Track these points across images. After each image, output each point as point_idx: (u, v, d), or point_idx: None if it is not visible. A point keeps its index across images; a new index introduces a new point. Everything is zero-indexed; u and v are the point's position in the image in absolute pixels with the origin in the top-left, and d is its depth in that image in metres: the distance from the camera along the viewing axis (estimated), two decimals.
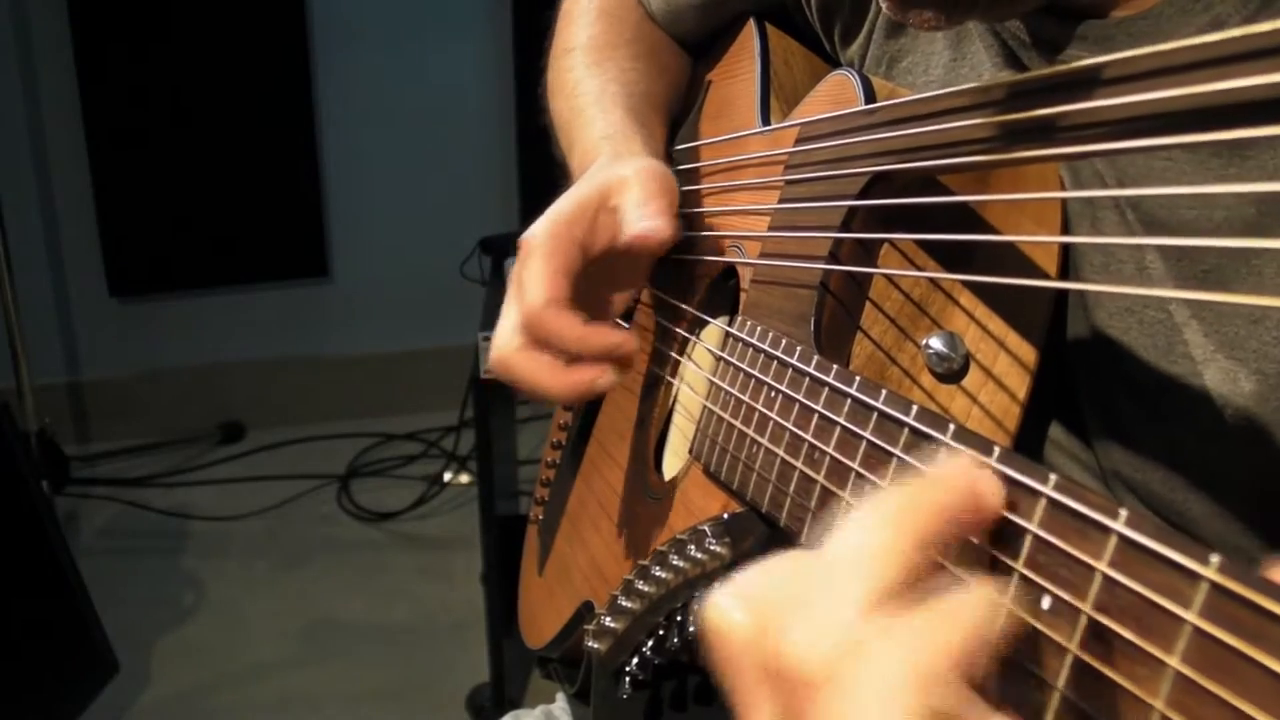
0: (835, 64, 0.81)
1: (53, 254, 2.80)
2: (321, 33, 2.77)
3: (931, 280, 0.55)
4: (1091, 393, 0.60)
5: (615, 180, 0.72)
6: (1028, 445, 0.60)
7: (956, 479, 0.37)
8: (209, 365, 2.95)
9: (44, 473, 2.42)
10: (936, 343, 0.55)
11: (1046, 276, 0.55)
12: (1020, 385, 0.55)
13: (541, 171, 0.75)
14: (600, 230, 0.71)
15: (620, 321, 0.76)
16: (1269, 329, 0.52)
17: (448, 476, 2.74)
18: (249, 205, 2.84)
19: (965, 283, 0.55)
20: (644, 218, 0.69)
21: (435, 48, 2.82)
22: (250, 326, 2.95)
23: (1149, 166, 0.55)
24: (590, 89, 0.87)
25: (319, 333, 3.01)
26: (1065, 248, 0.58)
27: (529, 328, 0.68)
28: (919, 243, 0.55)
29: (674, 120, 0.93)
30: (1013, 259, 0.55)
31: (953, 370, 0.55)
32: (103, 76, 2.67)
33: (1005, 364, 0.55)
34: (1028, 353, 0.55)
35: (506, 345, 0.69)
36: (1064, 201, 0.58)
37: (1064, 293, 0.60)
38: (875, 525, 0.36)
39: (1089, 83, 0.38)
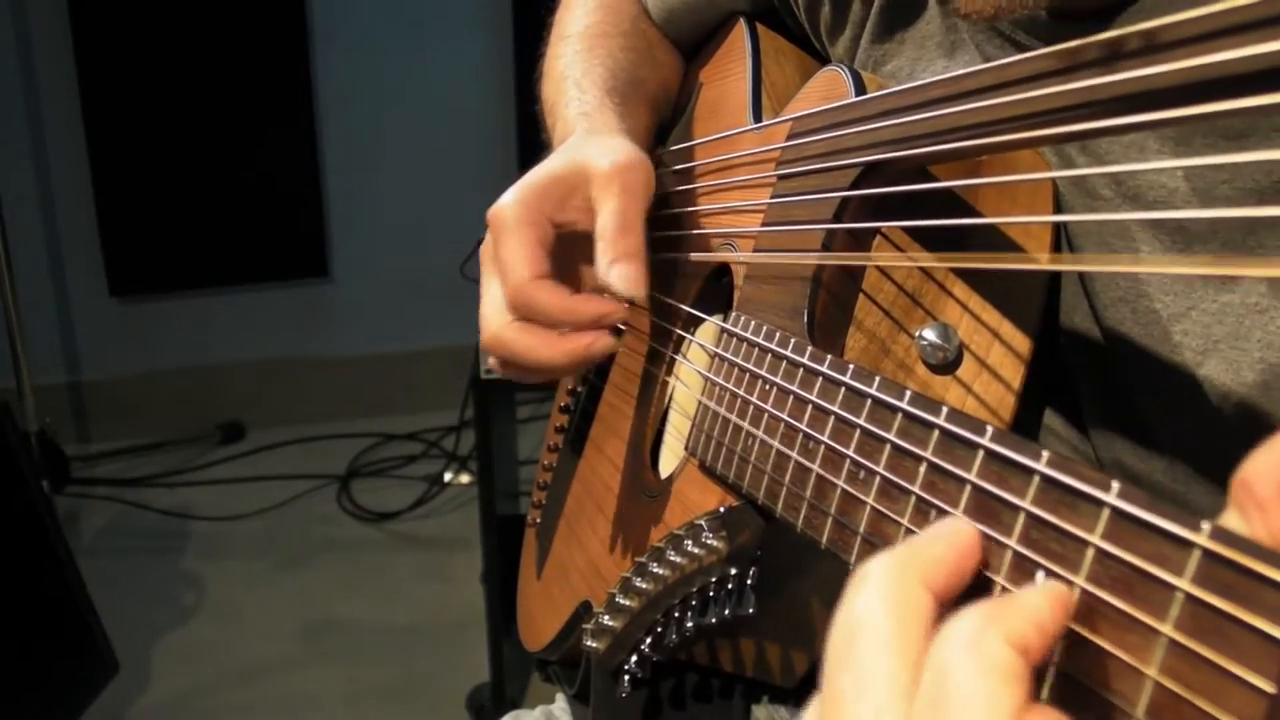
0: (826, 62, 0.81)
1: (53, 254, 2.81)
2: (321, 33, 2.77)
3: (924, 271, 0.55)
4: (1090, 384, 0.60)
5: (592, 168, 0.70)
6: (1023, 434, 0.60)
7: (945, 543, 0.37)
8: (209, 365, 2.95)
9: (44, 473, 2.42)
10: (930, 334, 0.55)
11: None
12: (1014, 375, 0.55)
13: None
14: (570, 210, 0.71)
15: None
16: (1274, 318, 0.51)
17: (448, 476, 2.74)
18: (249, 205, 2.84)
19: (958, 274, 0.55)
20: (614, 266, 0.66)
21: (435, 48, 2.82)
22: (250, 326, 2.95)
23: (1142, 160, 0.54)
24: (575, 72, 0.87)
25: (319, 333, 3.01)
26: (1057, 239, 0.58)
27: (516, 304, 0.68)
28: (912, 235, 0.55)
29: (665, 121, 0.93)
30: (1005, 249, 0.55)
31: (947, 361, 0.55)
32: (103, 76, 2.67)
33: (999, 354, 0.55)
34: (1021, 343, 0.55)
35: (497, 322, 0.70)
36: (1056, 194, 0.58)
37: (1058, 285, 0.60)
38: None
39: (1079, 65, 0.38)
